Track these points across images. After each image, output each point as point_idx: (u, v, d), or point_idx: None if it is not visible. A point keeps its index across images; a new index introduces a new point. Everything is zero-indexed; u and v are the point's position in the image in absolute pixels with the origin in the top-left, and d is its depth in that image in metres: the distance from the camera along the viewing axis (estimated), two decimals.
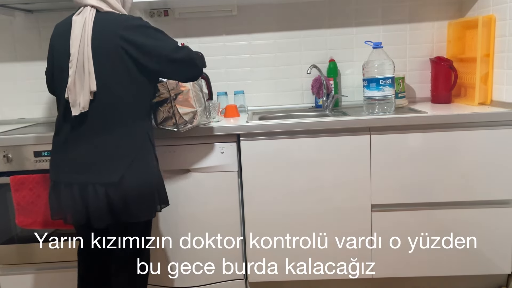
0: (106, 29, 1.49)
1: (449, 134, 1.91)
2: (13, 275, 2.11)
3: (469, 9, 2.29)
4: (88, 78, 1.47)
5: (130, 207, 1.53)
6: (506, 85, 1.99)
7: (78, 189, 1.51)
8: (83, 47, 1.47)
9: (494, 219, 1.96)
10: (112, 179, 1.50)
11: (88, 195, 1.51)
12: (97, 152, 1.51)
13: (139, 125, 1.57)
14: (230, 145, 1.96)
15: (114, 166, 1.50)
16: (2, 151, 1.99)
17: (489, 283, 2.08)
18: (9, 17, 2.42)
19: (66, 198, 1.54)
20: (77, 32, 1.49)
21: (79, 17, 1.51)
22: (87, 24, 1.49)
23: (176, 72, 1.61)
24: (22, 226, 1.97)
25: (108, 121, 1.51)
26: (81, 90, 1.48)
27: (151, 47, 1.51)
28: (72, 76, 1.48)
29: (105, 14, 1.53)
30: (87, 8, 1.53)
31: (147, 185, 1.57)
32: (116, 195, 1.50)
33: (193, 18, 2.40)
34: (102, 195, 1.50)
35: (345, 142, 1.93)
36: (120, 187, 1.50)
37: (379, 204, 1.97)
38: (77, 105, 1.48)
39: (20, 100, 2.50)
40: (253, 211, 2.00)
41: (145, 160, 1.57)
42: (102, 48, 1.48)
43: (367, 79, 2.02)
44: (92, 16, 1.51)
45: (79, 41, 1.48)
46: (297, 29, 2.43)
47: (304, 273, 2.04)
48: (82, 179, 1.51)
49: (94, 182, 1.50)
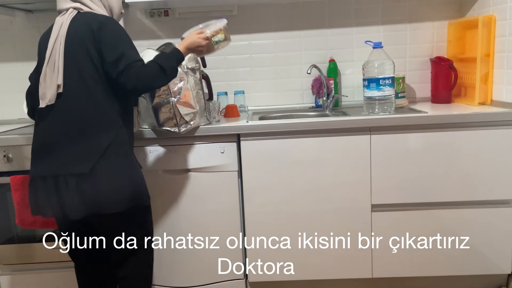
0: (78, 28, 1.54)
1: (449, 134, 1.91)
2: (13, 275, 2.11)
3: (469, 9, 2.29)
4: (57, 73, 1.51)
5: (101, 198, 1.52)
6: (506, 85, 1.99)
7: (52, 181, 1.52)
8: (58, 44, 1.53)
9: (494, 219, 1.96)
10: (83, 170, 1.50)
11: (60, 187, 1.51)
12: (67, 143, 1.52)
13: (110, 117, 1.56)
14: (230, 145, 1.96)
15: (84, 157, 1.51)
16: (2, 151, 1.99)
17: (489, 283, 2.08)
18: (9, 17, 2.42)
19: (42, 191, 1.55)
20: (55, 31, 1.55)
21: (60, 18, 1.59)
22: (64, 24, 1.55)
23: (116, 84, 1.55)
24: (22, 226, 1.97)
25: (75, 114, 1.52)
26: (50, 84, 1.52)
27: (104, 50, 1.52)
28: (44, 71, 1.53)
29: (82, 14, 1.58)
30: (69, 10, 1.59)
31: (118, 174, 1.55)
32: (88, 185, 1.51)
33: (193, 18, 2.40)
34: (74, 186, 1.50)
35: (345, 142, 1.93)
36: (91, 177, 1.51)
37: (379, 204, 1.97)
38: (45, 98, 1.52)
39: (20, 100, 2.49)
40: (253, 211, 2.00)
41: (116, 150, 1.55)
42: (73, 46, 1.53)
43: (367, 79, 2.02)
44: (71, 16, 1.57)
45: (55, 38, 1.54)
46: (297, 29, 2.43)
47: (304, 273, 2.04)
48: (54, 170, 1.52)
49: (65, 173, 1.51)
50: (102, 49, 1.51)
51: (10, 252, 2.08)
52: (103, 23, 1.53)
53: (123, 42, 1.54)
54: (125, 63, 1.49)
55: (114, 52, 1.51)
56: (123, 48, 1.52)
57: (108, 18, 1.57)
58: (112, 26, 1.55)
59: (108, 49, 1.51)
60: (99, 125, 1.54)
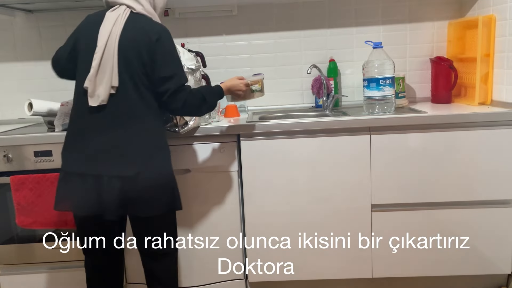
0: (134, 31, 1.53)
1: (449, 134, 1.91)
2: (13, 275, 2.11)
3: (469, 9, 2.29)
4: (111, 73, 1.50)
5: (143, 201, 1.56)
6: (506, 85, 1.99)
7: (93, 179, 1.53)
8: (111, 43, 1.50)
9: (494, 219, 1.96)
10: (129, 173, 1.52)
11: (103, 187, 1.52)
12: (115, 145, 1.52)
13: (156, 124, 1.59)
14: (230, 145, 1.96)
15: (131, 161, 1.53)
16: (2, 151, 1.99)
17: (489, 283, 2.08)
18: (9, 17, 2.42)
19: (77, 188, 1.55)
20: (107, 27, 1.52)
21: (112, 14, 1.55)
22: (118, 22, 1.53)
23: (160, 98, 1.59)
24: (22, 226, 1.97)
25: (126, 116, 1.53)
26: (101, 83, 1.51)
27: (158, 62, 1.54)
28: (94, 68, 1.50)
29: (137, 16, 1.57)
30: (122, 7, 1.56)
31: (161, 180, 1.59)
32: (131, 188, 1.52)
33: (193, 18, 2.40)
34: (117, 188, 1.51)
35: (345, 142, 1.93)
36: (136, 181, 1.52)
37: (379, 204, 1.97)
38: (96, 96, 1.51)
39: (20, 100, 2.50)
40: (253, 211, 2.00)
41: (161, 157, 1.60)
42: (127, 50, 1.51)
43: (367, 79, 2.02)
44: (125, 15, 1.55)
45: (107, 36, 1.51)
46: (297, 29, 2.43)
47: (304, 273, 2.04)
48: (98, 170, 1.52)
49: (110, 174, 1.51)
50: (156, 61, 1.53)
51: (10, 252, 2.08)
52: (160, 35, 1.54)
53: (176, 60, 1.59)
54: (176, 84, 1.55)
55: (167, 68, 1.55)
56: (176, 67, 1.58)
57: (164, 29, 1.58)
58: (168, 40, 1.57)
59: (162, 63, 1.54)
60: (148, 130, 1.56)
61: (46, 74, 2.48)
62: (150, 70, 1.54)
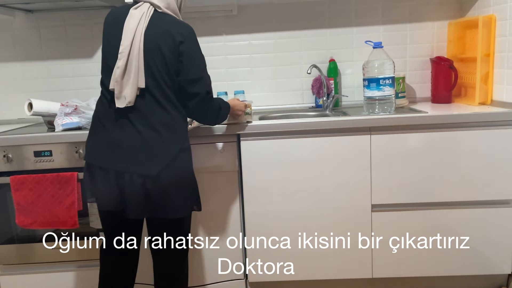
0: (160, 31, 1.51)
1: (449, 134, 1.91)
2: (13, 275, 2.11)
3: (469, 9, 2.29)
4: (137, 74, 1.49)
5: (166, 202, 1.55)
6: (506, 85, 1.99)
7: (114, 175, 1.52)
8: (136, 42, 1.48)
9: (494, 219, 1.96)
10: (151, 172, 1.51)
11: (124, 184, 1.52)
12: (138, 143, 1.52)
13: (181, 125, 1.59)
14: (230, 145, 1.96)
15: (154, 160, 1.51)
16: (2, 151, 1.99)
17: (489, 283, 2.08)
18: (9, 17, 2.42)
19: (100, 181, 1.55)
20: (132, 25, 1.50)
21: (137, 12, 1.52)
22: (143, 20, 1.50)
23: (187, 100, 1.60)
24: (22, 226, 1.97)
25: (150, 116, 1.52)
26: (127, 84, 1.49)
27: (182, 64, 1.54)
28: (120, 68, 1.49)
29: (161, 15, 1.55)
30: (145, 5, 1.54)
31: (183, 181, 1.58)
32: (153, 188, 1.51)
33: (193, 18, 2.40)
34: (139, 186, 1.51)
35: (345, 142, 1.93)
36: (158, 181, 1.51)
37: (379, 204, 1.97)
38: (122, 97, 1.50)
39: (20, 100, 2.50)
40: (253, 211, 2.00)
41: (184, 157, 1.59)
42: (151, 50, 1.50)
43: (367, 79, 2.02)
44: (149, 13, 1.53)
45: (132, 35, 1.49)
46: (297, 29, 2.43)
47: (304, 273, 2.04)
48: (120, 166, 1.52)
49: (132, 171, 1.51)
50: (183, 63, 1.53)
51: (10, 252, 2.08)
52: (185, 37, 1.53)
53: (202, 64, 1.60)
54: (201, 89, 1.57)
55: (194, 71, 1.55)
56: (202, 70, 1.59)
57: (190, 29, 1.56)
58: (194, 42, 1.56)
59: (189, 65, 1.54)
60: (172, 131, 1.55)
61: (46, 74, 2.48)
62: (174, 72, 1.53)
